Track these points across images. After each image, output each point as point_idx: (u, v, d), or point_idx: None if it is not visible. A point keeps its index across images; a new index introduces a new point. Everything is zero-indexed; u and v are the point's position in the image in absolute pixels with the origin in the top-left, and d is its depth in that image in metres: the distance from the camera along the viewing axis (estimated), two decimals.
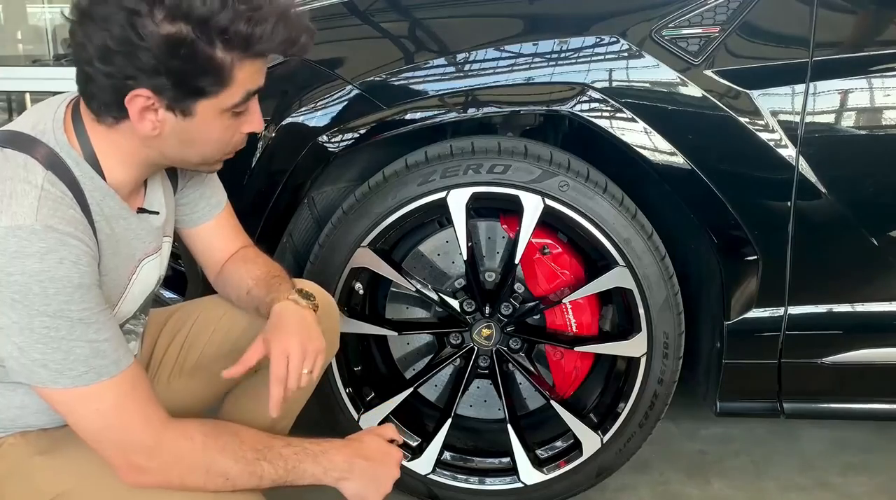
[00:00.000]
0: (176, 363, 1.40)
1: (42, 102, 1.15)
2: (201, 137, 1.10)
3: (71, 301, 1.00)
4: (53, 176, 1.03)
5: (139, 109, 1.03)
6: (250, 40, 1.01)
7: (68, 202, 1.03)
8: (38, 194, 1.01)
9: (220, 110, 1.07)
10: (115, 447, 1.08)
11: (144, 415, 1.08)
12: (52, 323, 0.99)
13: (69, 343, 1.01)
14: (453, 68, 1.54)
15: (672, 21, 1.48)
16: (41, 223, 0.98)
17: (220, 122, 1.09)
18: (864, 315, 1.59)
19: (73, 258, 1.00)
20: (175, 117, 1.05)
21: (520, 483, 1.67)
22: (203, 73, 1.01)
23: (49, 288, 0.98)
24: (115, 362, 1.05)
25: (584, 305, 1.72)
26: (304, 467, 1.17)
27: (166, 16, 0.97)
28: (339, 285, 1.60)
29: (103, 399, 1.05)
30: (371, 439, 1.29)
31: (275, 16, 1.02)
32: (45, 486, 1.14)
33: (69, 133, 1.08)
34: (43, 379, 1.02)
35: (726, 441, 2.04)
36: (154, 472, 1.09)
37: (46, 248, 0.98)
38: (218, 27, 0.99)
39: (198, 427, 1.12)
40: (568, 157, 1.56)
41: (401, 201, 1.56)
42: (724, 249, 1.55)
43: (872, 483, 1.86)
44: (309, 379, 1.21)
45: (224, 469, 1.11)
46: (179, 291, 1.80)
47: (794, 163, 1.48)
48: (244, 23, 1.00)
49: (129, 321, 1.23)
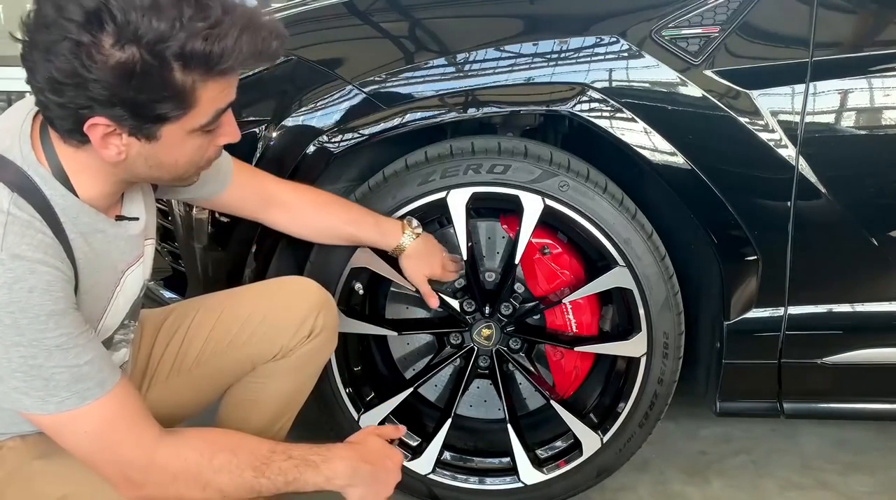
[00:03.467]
0: (175, 362, 1.40)
1: (7, 111, 1.08)
2: (170, 159, 1.04)
3: (46, 329, 0.97)
4: (21, 199, 0.99)
5: (100, 135, 0.97)
6: (210, 59, 0.93)
7: (37, 226, 0.99)
8: (4, 221, 0.97)
9: (188, 131, 1.01)
10: (109, 464, 1.07)
11: (135, 434, 1.07)
12: (28, 353, 0.97)
13: (48, 371, 0.99)
14: (453, 68, 1.54)
15: (672, 21, 1.48)
16: (7, 252, 0.95)
17: (189, 142, 1.03)
18: (864, 315, 1.59)
19: (44, 286, 0.97)
20: (140, 142, 0.99)
21: (520, 483, 1.67)
22: (162, 99, 0.94)
23: (20, 319, 0.95)
24: (99, 383, 1.03)
25: (584, 305, 1.72)
26: (306, 478, 1.16)
27: (115, 42, 0.89)
28: (339, 285, 1.60)
29: (90, 421, 1.03)
30: (372, 441, 1.29)
31: (237, 28, 0.94)
32: (44, 490, 1.14)
33: (36, 149, 1.02)
34: (27, 406, 1.01)
35: (726, 441, 2.04)
36: (151, 486, 1.08)
37: (14, 278, 0.95)
38: (172, 50, 0.91)
39: (192, 445, 1.10)
40: (568, 157, 1.56)
41: (401, 201, 1.56)
42: (724, 249, 1.54)
43: (872, 483, 1.86)
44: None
45: (220, 488, 1.11)
46: (179, 291, 1.80)
47: (794, 163, 1.48)
48: (201, 41, 0.91)
49: (118, 332, 1.21)
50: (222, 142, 1.09)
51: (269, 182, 1.44)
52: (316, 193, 1.50)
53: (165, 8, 0.90)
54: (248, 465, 1.12)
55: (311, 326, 1.37)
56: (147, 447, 1.07)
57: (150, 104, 0.95)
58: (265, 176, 1.45)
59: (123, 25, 0.89)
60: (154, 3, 0.90)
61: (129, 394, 1.08)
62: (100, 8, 0.89)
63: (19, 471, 1.14)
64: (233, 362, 1.37)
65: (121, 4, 0.89)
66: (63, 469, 1.13)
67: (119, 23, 0.89)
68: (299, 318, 1.36)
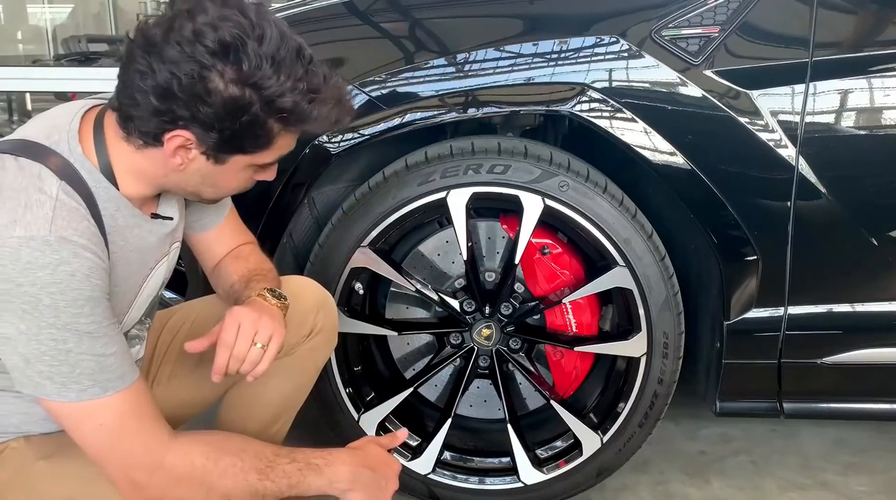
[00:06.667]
0: (177, 362, 1.40)
1: (53, 111, 1.14)
2: (223, 182, 1.13)
3: (80, 314, 0.99)
4: (68, 186, 1.03)
5: (175, 146, 1.04)
6: (306, 120, 1.05)
7: (83, 213, 1.03)
8: (53, 205, 1.00)
9: (251, 165, 1.10)
10: (117, 462, 1.07)
11: (147, 432, 1.08)
12: (60, 336, 0.99)
13: (76, 357, 1.00)
14: (453, 68, 1.54)
15: (672, 21, 1.48)
16: (55, 235, 0.98)
17: (245, 173, 1.12)
18: (864, 315, 1.59)
19: (85, 271, 1.00)
20: (206, 161, 1.07)
21: (520, 483, 1.67)
22: (252, 136, 1.05)
23: (59, 300, 0.98)
24: (120, 377, 1.05)
25: (584, 305, 1.72)
26: (309, 481, 1.17)
27: (237, 79, 0.99)
28: (340, 285, 1.60)
29: (107, 414, 1.04)
30: (373, 448, 1.29)
31: (332, 100, 1.06)
32: (47, 491, 1.14)
33: (85, 144, 1.07)
34: (48, 392, 1.02)
35: (726, 441, 2.04)
36: (154, 489, 1.08)
37: (59, 260, 0.98)
38: (283, 106, 1.02)
39: (200, 449, 1.11)
40: (568, 157, 1.56)
41: (401, 201, 1.56)
42: (724, 249, 1.55)
43: (872, 483, 1.86)
44: (259, 354, 1.16)
45: (224, 492, 1.11)
46: (180, 291, 1.80)
47: (794, 163, 1.48)
48: (306, 103, 1.03)
49: (135, 327, 1.23)
50: (260, 178, 1.16)
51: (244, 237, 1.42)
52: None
53: (286, 65, 1.01)
54: (253, 468, 1.12)
55: (310, 325, 1.37)
56: (158, 447, 1.08)
57: (241, 138, 1.05)
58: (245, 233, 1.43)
59: (252, 69, 0.99)
60: (279, 57, 1.00)
61: (146, 393, 1.10)
62: (236, 45, 0.99)
63: (22, 472, 1.14)
64: None
65: (254, 49, 0.99)
66: (66, 471, 1.14)
67: (248, 65, 0.99)
68: (299, 317, 1.36)
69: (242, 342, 1.15)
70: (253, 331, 1.16)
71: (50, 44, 7.53)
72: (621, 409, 1.64)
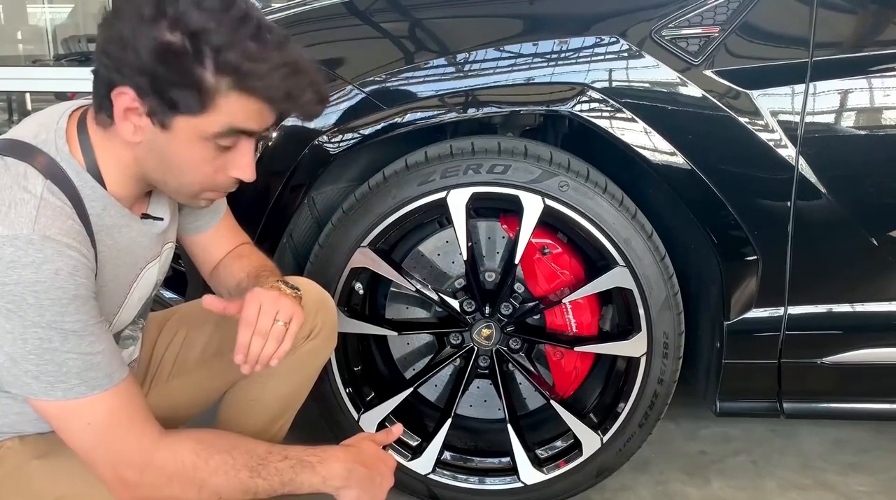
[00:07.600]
0: (176, 362, 1.40)
1: (43, 111, 1.14)
2: (178, 159, 1.06)
3: (65, 313, 0.99)
4: (53, 185, 1.03)
5: (123, 108, 1.02)
6: (239, 72, 0.99)
7: (68, 212, 1.02)
8: (37, 204, 1.00)
9: (200, 136, 1.03)
10: (106, 461, 1.07)
11: (137, 431, 1.07)
12: (45, 334, 0.98)
13: (62, 355, 1.00)
14: (453, 68, 1.54)
15: (672, 21, 1.48)
16: (38, 233, 0.98)
17: (199, 149, 1.05)
18: (864, 315, 1.59)
19: (70, 269, 0.99)
20: (153, 127, 1.03)
21: (520, 483, 1.67)
22: (182, 86, 0.99)
23: (44, 299, 0.97)
24: (108, 375, 1.04)
25: (583, 305, 1.72)
26: (302, 479, 1.16)
27: (169, 25, 0.97)
28: (340, 285, 1.60)
29: (95, 413, 1.04)
30: (367, 445, 1.29)
31: (280, 63, 1.01)
32: (42, 490, 1.14)
33: (71, 143, 1.07)
34: (35, 391, 1.02)
35: (726, 441, 2.04)
36: (145, 487, 1.08)
37: (43, 258, 0.97)
38: (210, 45, 0.97)
39: (190, 446, 1.10)
40: (568, 157, 1.56)
41: (401, 201, 1.56)
42: (724, 249, 1.55)
43: (872, 483, 1.86)
44: (283, 331, 1.16)
45: (216, 489, 1.11)
46: (180, 291, 1.80)
47: (794, 163, 1.48)
48: (240, 54, 0.98)
49: (128, 327, 1.23)
50: (234, 173, 1.10)
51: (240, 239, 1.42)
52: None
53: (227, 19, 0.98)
54: (244, 465, 1.12)
55: (310, 325, 1.37)
56: (147, 446, 1.07)
57: (171, 86, 0.99)
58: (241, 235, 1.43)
59: (179, 13, 0.97)
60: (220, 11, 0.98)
61: (135, 391, 1.09)
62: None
63: (17, 471, 1.14)
64: (234, 363, 1.37)
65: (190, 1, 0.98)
66: (61, 470, 1.13)
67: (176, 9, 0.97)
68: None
69: (265, 320, 1.15)
70: (274, 310, 1.15)
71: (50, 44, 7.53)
72: (621, 409, 1.64)
